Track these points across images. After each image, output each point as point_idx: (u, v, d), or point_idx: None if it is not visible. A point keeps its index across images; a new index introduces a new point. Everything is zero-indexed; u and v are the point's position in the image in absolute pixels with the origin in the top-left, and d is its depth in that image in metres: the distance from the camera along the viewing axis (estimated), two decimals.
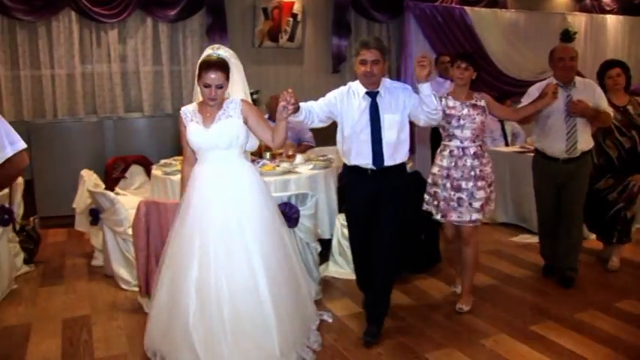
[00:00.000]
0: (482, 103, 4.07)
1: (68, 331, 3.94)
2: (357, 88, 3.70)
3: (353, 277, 4.61)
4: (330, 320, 3.98)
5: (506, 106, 4.60)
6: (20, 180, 5.08)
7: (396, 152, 3.69)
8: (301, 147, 5.99)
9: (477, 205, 4.00)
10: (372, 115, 3.64)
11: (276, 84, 7.56)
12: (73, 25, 6.82)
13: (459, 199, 4.01)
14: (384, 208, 3.72)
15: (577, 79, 4.48)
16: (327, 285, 4.62)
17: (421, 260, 4.89)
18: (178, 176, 4.83)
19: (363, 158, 3.69)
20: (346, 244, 4.86)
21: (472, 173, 4.00)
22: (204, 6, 7.36)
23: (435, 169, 4.15)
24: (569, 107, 4.36)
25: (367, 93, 3.66)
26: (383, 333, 3.77)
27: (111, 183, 6.39)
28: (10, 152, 2.81)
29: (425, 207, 4.26)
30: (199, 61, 3.33)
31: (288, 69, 8.00)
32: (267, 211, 3.38)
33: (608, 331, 3.77)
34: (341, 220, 4.90)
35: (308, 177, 4.85)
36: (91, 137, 6.93)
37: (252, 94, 5.96)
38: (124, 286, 4.74)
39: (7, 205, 4.68)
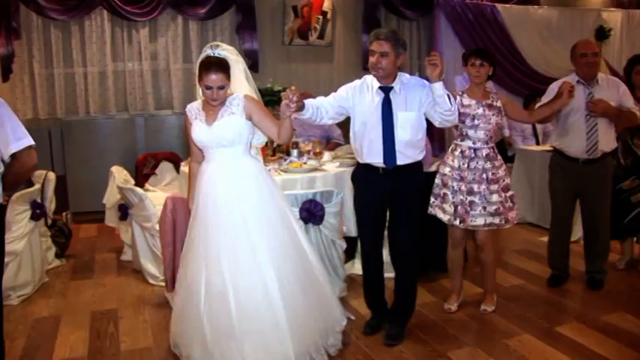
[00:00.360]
0: (499, 103, 3.91)
1: (96, 324, 4.01)
2: (371, 82, 3.54)
3: None
4: (353, 318, 3.94)
5: (523, 109, 4.37)
6: (52, 175, 5.18)
7: (410, 151, 3.53)
8: (330, 145, 5.99)
9: (491, 208, 3.84)
10: (384, 111, 3.47)
11: (306, 82, 7.58)
12: (105, 24, 6.95)
13: (472, 202, 3.84)
14: (399, 208, 3.61)
15: (601, 75, 4.32)
16: (352, 283, 4.61)
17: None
18: None
19: (374, 156, 3.54)
20: None
21: (484, 176, 3.84)
22: (234, 4, 7.41)
23: (446, 170, 3.95)
24: (589, 106, 4.19)
25: (381, 88, 3.49)
26: (405, 334, 3.72)
27: (141, 179, 6.47)
28: (14, 148, 2.84)
29: (430, 210, 4.04)
30: (199, 61, 3.27)
31: (318, 67, 8.00)
32: (274, 209, 3.32)
33: (635, 334, 3.70)
34: None
35: (334, 174, 4.84)
36: (122, 134, 7.05)
37: (279, 91, 6.03)
38: (151, 281, 4.81)
39: (38, 200, 4.77)
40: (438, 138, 7.63)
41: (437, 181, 4.00)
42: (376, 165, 3.55)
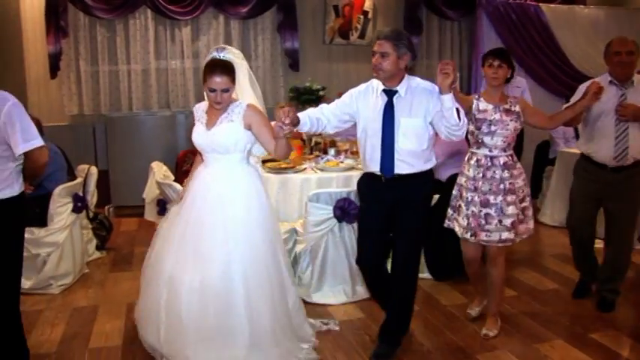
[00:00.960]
0: (517, 108, 3.64)
1: (132, 315, 4.06)
2: (377, 85, 3.34)
3: None
4: (337, 328, 3.83)
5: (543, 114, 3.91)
6: (94, 170, 5.31)
7: (412, 160, 3.28)
8: None
9: (507, 222, 3.57)
10: (385, 116, 3.25)
11: (347, 81, 7.57)
12: (149, 23, 7.10)
13: (487, 215, 3.58)
14: (400, 220, 3.35)
15: (637, 77, 4.01)
16: None
17: (483, 262, 4.79)
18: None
19: (374, 164, 3.32)
20: None
21: (501, 186, 3.57)
22: (275, 3, 7.48)
23: (462, 180, 3.72)
24: (618, 109, 3.91)
25: (384, 91, 3.29)
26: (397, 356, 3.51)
27: (181, 175, 6.56)
28: (22, 149, 3.01)
29: (446, 223, 3.85)
30: (204, 63, 3.25)
31: (358, 66, 8.00)
32: (257, 221, 3.27)
33: None
34: None
35: None
36: (163, 130, 7.17)
37: (318, 90, 6.07)
38: None
39: (80, 194, 4.91)
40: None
41: (454, 192, 3.80)
42: (378, 174, 3.34)
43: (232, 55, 3.31)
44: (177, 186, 4.90)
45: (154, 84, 7.25)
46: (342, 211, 4.21)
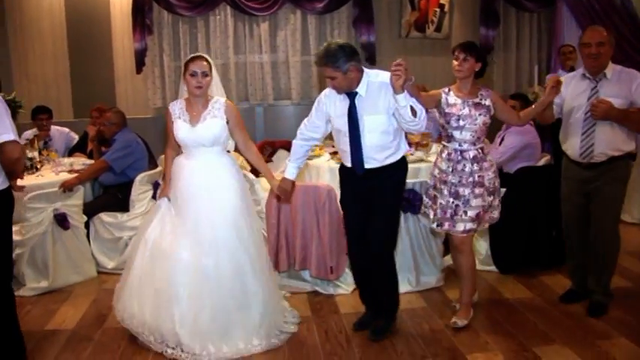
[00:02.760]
0: (487, 102, 3.63)
1: None
2: None
3: (480, 267, 4.71)
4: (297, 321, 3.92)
5: (513, 110, 3.92)
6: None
7: (380, 155, 3.46)
8: (441, 138, 5.98)
9: (472, 213, 3.65)
10: (350, 117, 3.42)
11: (423, 75, 7.58)
12: (229, 19, 7.34)
13: (457, 206, 3.66)
14: (374, 205, 3.53)
15: (614, 68, 3.75)
16: (452, 274, 4.63)
17: (551, 256, 4.75)
18: (315, 160, 5.14)
19: (346, 161, 3.55)
20: (475, 235, 4.85)
21: (470, 179, 3.63)
22: None
23: (436, 172, 3.80)
24: (590, 107, 3.71)
25: (346, 93, 3.44)
26: (394, 331, 3.73)
27: None
28: None
29: (422, 210, 3.97)
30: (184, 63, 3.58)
31: (435, 60, 7.96)
32: (239, 209, 3.55)
33: None
34: None
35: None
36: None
37: None
38: None
39: (160, 181, 5.19)
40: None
41: (430, 182, 3.88)
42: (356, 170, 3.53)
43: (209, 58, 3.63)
44: (251, 175, 5.11)
45: (233, 78, 7.50)
46: (408, 201, 4.29)
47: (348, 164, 3.55)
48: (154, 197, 5.04)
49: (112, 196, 5.12)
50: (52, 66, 7.25)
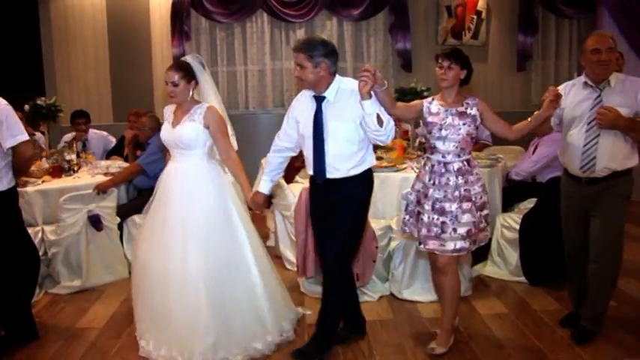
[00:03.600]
0: (474, 111, 3.40)
1: None
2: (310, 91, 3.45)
3: (509, 278, 4.66)
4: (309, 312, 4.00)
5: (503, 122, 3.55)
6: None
7: (342, 164, 3.35)
8: (477, 145, 5.91)
9: (462, 230, 3.36)
10: (315, 122, 3.33)
11: None
12: (265, 26, 7.47)
13: (443, 223, 3.37)
14: (334, 220, 3.40)
15: (617, 76, 3.54)
16: (480, 283, 4.63)
17: None
18: None
19: (310, 168, 3.45)
20: (505, 245, 4.81)
21: (456, 193, 3.37)
22: (387, 5, 7.58)
23: (419, 186, 3.53)
24: (596, 116, 3.46)
25: (314, 97, 3.37)
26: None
27: (292, 171, 6.83)
28: (9, 144, 3.49)
29: (402, 228, 3.70)
30: None
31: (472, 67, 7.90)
32: (217, 213, 3.52)
33: None
34: (502, 220, 4.85)
35: None
36: (277, 128, 7.22)
37: (423, 91, 6.12)
38: (288, 267, 5.12)
39: None
40: None
41: (411, 197, 3.59)
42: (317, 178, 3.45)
43: (193, 59, 3.66)
44: (281, 180, 5.16)
45: (269, 84, 7.60)
46: None
47: (310, 172, 3.47)
48: None
49: (145, 198, 5.17)
50: (94, 71, 7.48)
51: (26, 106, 5.65)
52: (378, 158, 5.19)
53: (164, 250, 3.47)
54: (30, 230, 4.46)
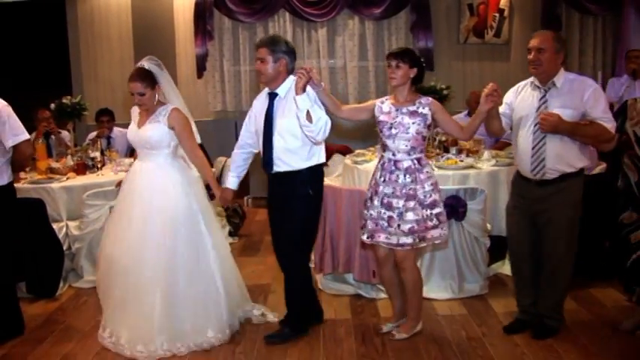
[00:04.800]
0: (425, 110, 3.48)
1: (250, 295, 4.44)
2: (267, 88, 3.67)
3: None
4: (276, 319, 4.00)
5: (456, 123, 3.65)
6: (230, 162, 5.77)
7: (290, 158, 3.54)
8: (499, 144, 5.91)
9: (405, 227, 3.46)
10: (266, 117, 3.56)
11: (481, 80, 7.51)
12: (287, 25, 7.55)
13: (390, 218, 3.50)
14: (285, 213, 3.63)
15: (566, 76, 3.47)
16: (497, 282, 4.63)
17: (602, 268, 4.61)
18: (365, 165, 5.20)
19: (262, 162, 3.66)
20: None
21: (403, 191, 3.48)
22: (409, 3, 7.59)
23: (372, 182, 3.65)
24: (538, 120, 3.42)
25: (268, 93, 3.62)
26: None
27: None
28: (11, 143, 3.72)
29: (362, 223, 3.73)
30: None
31: (493, 65, 7.90)
32: (180, 212, 3.63)
33: None
34: None
35: (488, 173, 4.83)
36: None
37: (442, 89, 6.13)
38: None
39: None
40: None
41: (367, 194, 3.69)
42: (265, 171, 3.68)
43: (151, 63, 3.75)
44: None
45: None
46: (452, 208, 4.27)
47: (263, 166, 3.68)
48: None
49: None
50: (119, 70, 7.60)
51: (52, 105, 5.78)
52: None
53: (126, 244, 3.61)
54: (55, 225, 4.60)
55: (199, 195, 3.82)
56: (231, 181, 3.86)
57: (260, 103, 3.71)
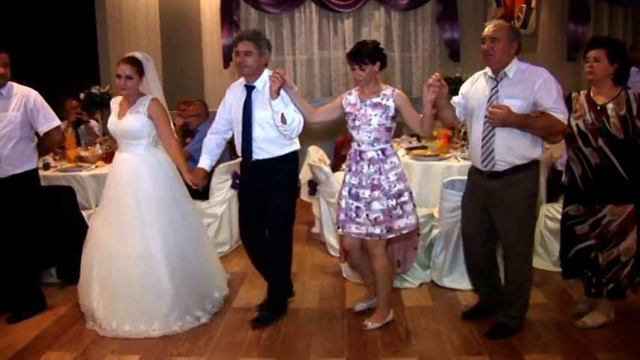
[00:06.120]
0: (389, 102, 3.52)
1: None
2: (242, 81, 3.80)
3: (552, 269, 4.65)
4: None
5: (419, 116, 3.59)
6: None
7: (269, 147, 3.70)
8: None
9: (372, 217, 3.56)
10: (244, 108, 3.70)
11: None
12: (313, 16, 7.57)
13: (357, 208, 3.60)
14: (269, 199, 3.77)
15: (517, 66, 3.44)
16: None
17: None
18: None
19: (239, 151, 3.80)
20: (548, 236, 4.78)
21: (368, 181, 3.56)
22: None
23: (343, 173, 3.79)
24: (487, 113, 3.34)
25: (245, 86, 3.74)
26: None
27: (339, 160, 6.90)
28: (45, 128, 4.06)
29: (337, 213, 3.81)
30: None
31: (521, 56, 7.77)
32: (164, 196, 3.81)
33: None
34: (545, 210, 4.82)
35: None
36: None
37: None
38: (332, 253, 5.23)
39: (238, 172, 5.41)
40: None
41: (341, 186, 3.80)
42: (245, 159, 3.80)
43: (141, 55, 3.90)
44: (326, 168, 5.24)
45: (317, 73, 7.70)
46: None
47: (240, 154, 3.83)
48: (232, 187, 5.28)
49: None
50: None
51: (82, 95, 5.87)
52: (423, 147, 5.26)
53: (122, 232, 3.75)
54: (84, 213, 4.68)
55: (181, 182, 3.98)
56: (205, 163, 3.95)
57: (234, 93, 3.84)
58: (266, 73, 3.71)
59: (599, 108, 3.47)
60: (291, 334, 3.76)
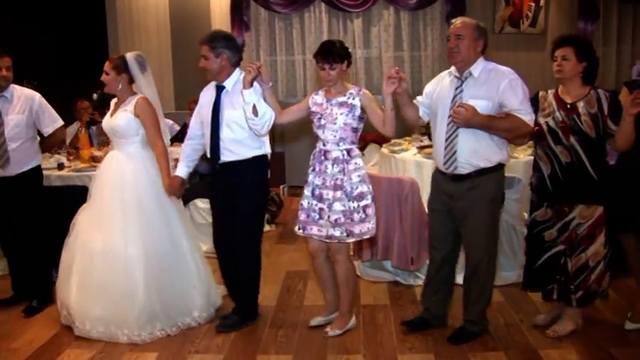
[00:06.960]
0: (355, 101, 3.45)
1: (288, 281, 4.57)
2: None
3: None
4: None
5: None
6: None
7: (237, 148, 3.62)
8: None
9: (332, 218, 3.47)
10: (213, 109, 3.65)
11: (517, 70, 7.33)
12: (323, 16, 7.61)
13: (321, 209, 3.51)
14: (235, 205, 3.68)
15: (483, 66, 3.32)
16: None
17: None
18: (402, 154, 5.26)
19: (208, 153, 3.73)
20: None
21: (332, 182, 3.47)
22: None
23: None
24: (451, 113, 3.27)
25: (216, 86, 3.70)
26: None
27: None
28: (51, 129, 4.23)
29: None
30: None
31: (529, 55, 7.83)
32: (146, 198, 3.77)
33: None
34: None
35: (525, 162, 4.83)
36: None
37: None
38: None
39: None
40: None
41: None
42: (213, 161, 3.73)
43: (132, 55, 3.89)
44: None
45: None
46: None
47: (209, 156, 3.74)
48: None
49: (207, 183, 5.37)
50: (157, 61, 7.72)
51: (94, 95, 5.91)
52: (430, 146, 5.26)
53: (103, 230, 3.73)
54: None
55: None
56: (181, 170, 3.89)
57: (205, 95, 3.80)
58: (237, 72, 3.67)
59: (569, 106, 3.38)
60: (307, 330, 3.79)
